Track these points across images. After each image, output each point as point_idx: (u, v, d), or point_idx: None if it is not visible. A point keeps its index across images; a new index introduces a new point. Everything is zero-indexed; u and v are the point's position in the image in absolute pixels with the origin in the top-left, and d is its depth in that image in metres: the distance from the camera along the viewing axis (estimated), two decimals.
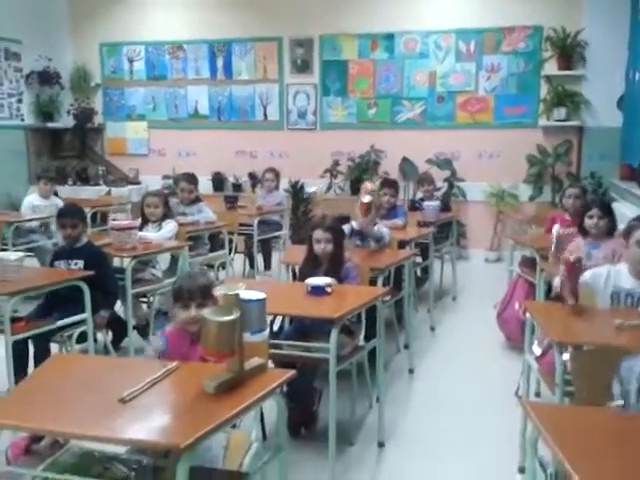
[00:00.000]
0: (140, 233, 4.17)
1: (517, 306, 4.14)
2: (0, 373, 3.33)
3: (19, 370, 3.22)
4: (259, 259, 6.08)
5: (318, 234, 3.16)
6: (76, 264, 3.63)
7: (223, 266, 5.61)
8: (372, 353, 3.01)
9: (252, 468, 1.82)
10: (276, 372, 1.81)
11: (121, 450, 1.87)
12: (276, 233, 6.14)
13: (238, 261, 6.06)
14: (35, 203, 5.93)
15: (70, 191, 7.74)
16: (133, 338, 3.91)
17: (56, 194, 6.39)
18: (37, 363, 3.36)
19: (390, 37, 7.36)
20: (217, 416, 1.53)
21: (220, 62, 7.92)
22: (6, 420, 1.67)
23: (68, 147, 8.38)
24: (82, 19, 8.24)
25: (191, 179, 5.30)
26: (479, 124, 7.22)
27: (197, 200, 5.22)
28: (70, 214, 3.70)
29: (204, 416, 1.54)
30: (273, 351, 2.33)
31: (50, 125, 8.13)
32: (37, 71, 7.95)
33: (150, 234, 4.28)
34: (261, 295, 1.84)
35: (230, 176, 8.00)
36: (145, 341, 4.11)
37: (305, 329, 2.79)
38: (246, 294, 1.78)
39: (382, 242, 3.75)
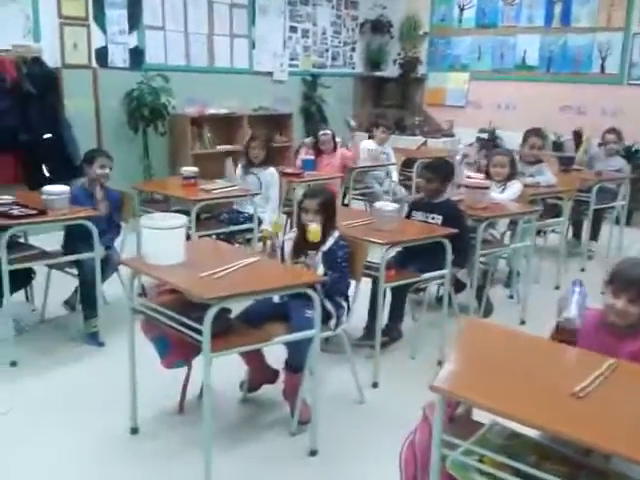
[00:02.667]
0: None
1: None
2: (358, 313, 3.61)
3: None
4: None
5: None
6: (433, 218, 3.71)
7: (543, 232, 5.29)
8: None
9: None
10: None
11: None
12: (612, 203, 5.56)
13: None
14: (369, 148, 6.20)
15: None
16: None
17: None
18: (393, 310, 3.58)
19: None
20: None
21: (558, 8, 7.31)
22: (461, 392, 1.68)
23: (389, 96, 8.66)
24: None
25: (542, 134, 5.05)
26: None
27: (539, 160, 4.96)
28: (431, 168, 3.76)
29: None
30: None
31: (377, 74, 8.47)
32: (371, 20, 8.28)
33: (497, 195, 4.17)
34: None
35: (551, 133, 7.48)
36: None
37: None
38: None
39: None
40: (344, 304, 2.98)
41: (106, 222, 3.77)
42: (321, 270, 2.88)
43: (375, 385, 3.26)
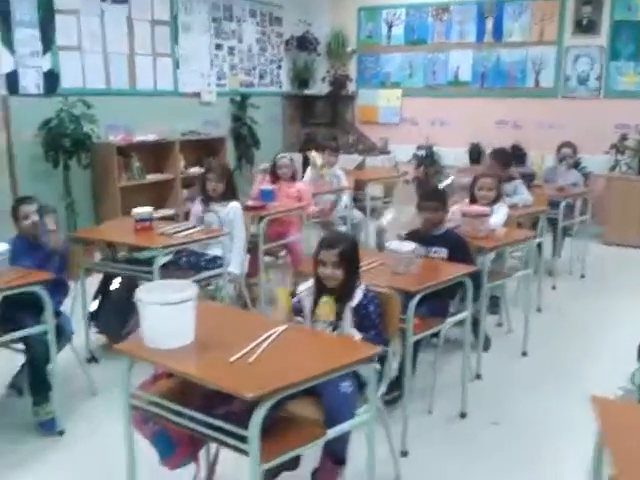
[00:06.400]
0: None
1: None
2: None
3: None
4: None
5: None
6: (435, 252, 3.32)
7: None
8: None
9: None
10: None
11: None
12: (579, 218, 5.47)
13: None
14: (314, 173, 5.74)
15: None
16: None
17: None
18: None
19: None
20: None
21: (489, 24, 7.27)
22: None
23: (319, 115, 8.30)
24: None
25: (503, 155, 4.85)
26: None
27: (511, 177, 4.75)
28: (435, 196, 3.37)
29: None
30: None
31: (305, 92, 8.08)
32: (296, 36, 7.89)
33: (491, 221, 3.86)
34: None
35: (488, 148, 7.41)
36: None
37: None
38: None
39: None
40: (379, 368, 2.50)
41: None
42: (356, 332, 2.40)
43: (405, 454, 2.81)
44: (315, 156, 5.67)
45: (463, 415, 3.14)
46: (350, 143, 8.12)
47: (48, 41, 5.17)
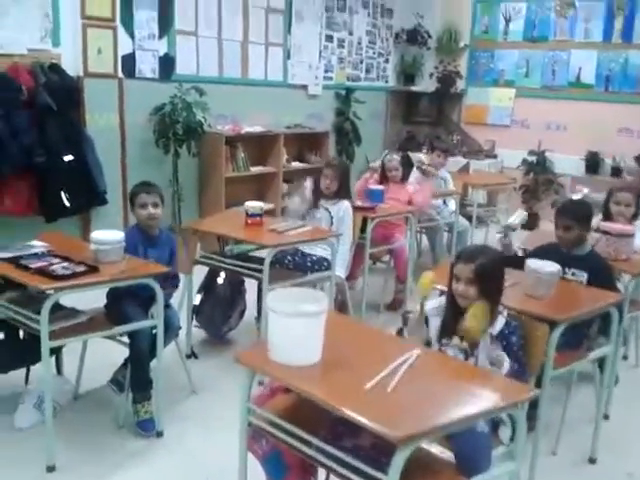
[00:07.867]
0: None
1: None
2: None
3: None
4: None
5: None
6: (574, 274, 2.98)
7: None
8: None
9: None
10: None
11: None
12: None
13: None
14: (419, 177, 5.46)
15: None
16: None
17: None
18: None
19: None
20: None
21: (619, 22, 6.71)
22: None
23: (423, 113, 7.97)
24: None
25: None
26: None
27: None
28: (570, 213, 3.03)
29: None
30: None
31: (411, 88, 7.78)
32: (407, 29, 7.60)
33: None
34: None
35: (608, 157, 6.89)
36: None
37: None
38: None
39: None
40: None
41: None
42: (485, 361, 2.14)
43: None
44: (422, 159, 5.42)
45: (592, 460, 2.81)
46: (454, 144, 7.75)
47: (166, 24, 5.15)
